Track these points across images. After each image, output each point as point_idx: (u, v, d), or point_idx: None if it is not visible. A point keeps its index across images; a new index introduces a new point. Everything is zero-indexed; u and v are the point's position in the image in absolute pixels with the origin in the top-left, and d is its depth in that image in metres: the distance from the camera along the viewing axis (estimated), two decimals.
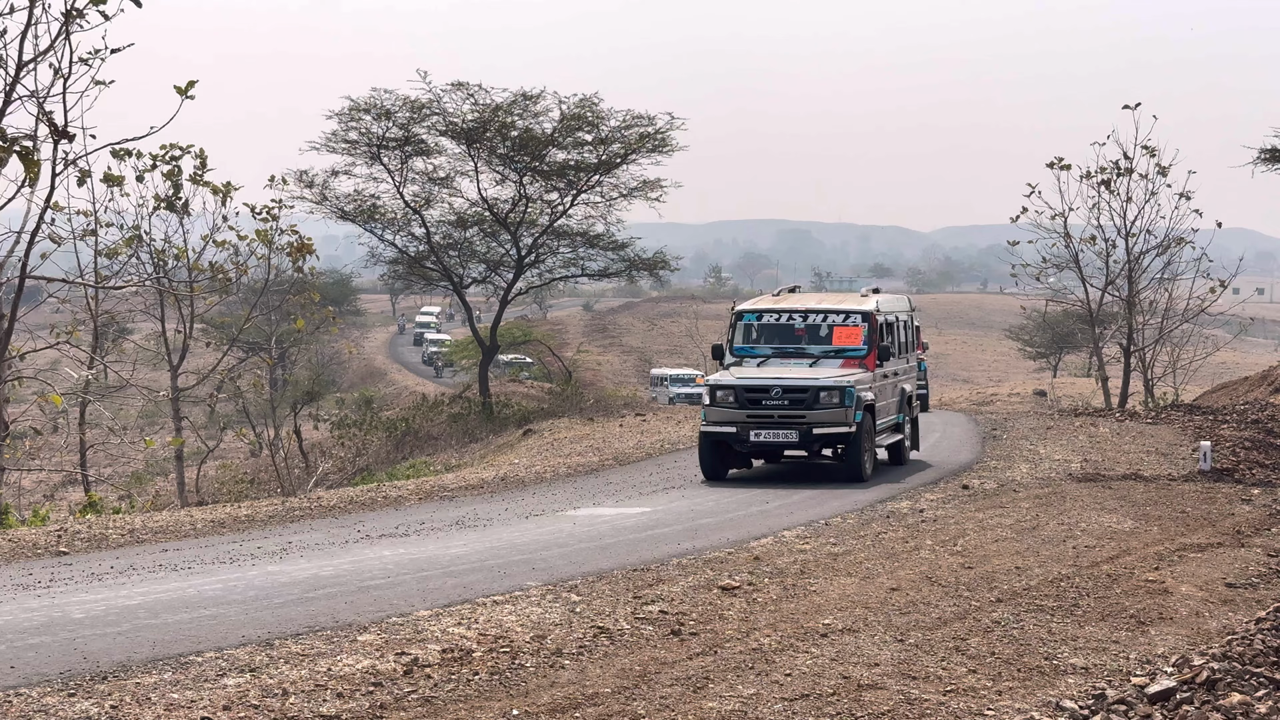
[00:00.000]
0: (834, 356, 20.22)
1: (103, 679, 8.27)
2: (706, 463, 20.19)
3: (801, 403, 19.46)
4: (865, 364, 20.13)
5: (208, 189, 25.43)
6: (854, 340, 20.25)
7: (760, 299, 22.33)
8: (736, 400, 19.57)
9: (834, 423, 19.45)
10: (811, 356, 20.29)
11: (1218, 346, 44.24)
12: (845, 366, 19.99)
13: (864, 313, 20.54)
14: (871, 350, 20.29)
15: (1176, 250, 36.66)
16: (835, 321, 20.49)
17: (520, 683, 8.27)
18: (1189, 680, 8.21)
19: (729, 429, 19.61)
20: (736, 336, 20.80)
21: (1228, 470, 20.04)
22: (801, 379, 19.60)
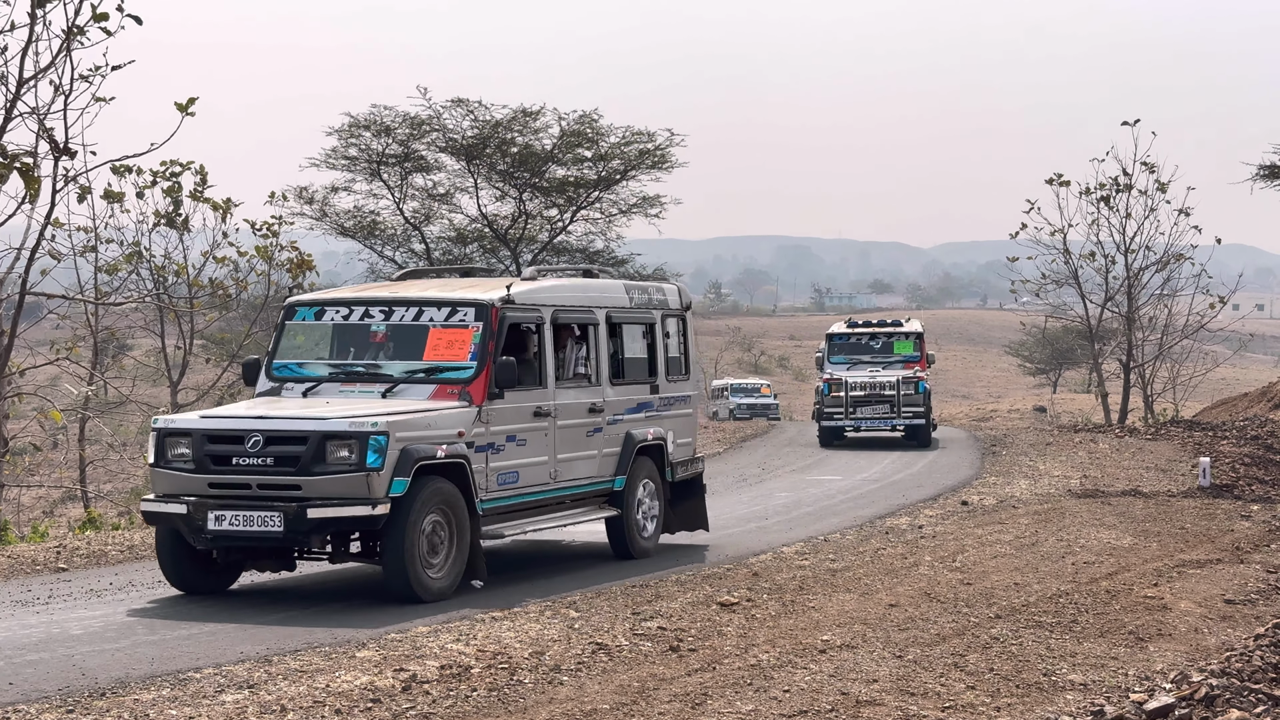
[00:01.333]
0: (427, 380, 12.35)
1: (101, 695, 8.27)
2: (167, 568, 11.98)
3: (293, 462, 11.28)
4: (470, 392, 12.11)
5: (208, 205, 25.44)
6: (456, 352, 12.47)
7: (342, 288, 15.97)
8: (194, 458, 11.51)
9: (342, 498, 11.18)
10: (388, 380, 12.40)
11: (1217, 362, 44.27)
12: (437, 396, 12.12)
13: (478, 305, 12.56)
14: (484, 369, 12.21)
15: (1176, 266, 36.75)
16: (435, 320, 12.69)
17: (519, 699, 8.27)
18: (1188, 697, 8.21)
19: (176, 508, 11.41)
20: (283, 346, 13.29)
21: (1227, 486, 20.05)
22: (299, 420, 11.51)
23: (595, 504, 13.90)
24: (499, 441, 12.37)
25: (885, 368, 29.14)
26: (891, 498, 19.49)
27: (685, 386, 15.35)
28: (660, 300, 15.14)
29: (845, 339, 30.15)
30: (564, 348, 13.57)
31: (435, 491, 11.51)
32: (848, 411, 28.52)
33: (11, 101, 16.62)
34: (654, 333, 14.87)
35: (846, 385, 28.52)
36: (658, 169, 39.74)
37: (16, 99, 16.61)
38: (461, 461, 11.78)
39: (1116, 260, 36.88)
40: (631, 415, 14.29)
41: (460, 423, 11.92)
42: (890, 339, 29.84)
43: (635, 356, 14.65)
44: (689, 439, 15.36)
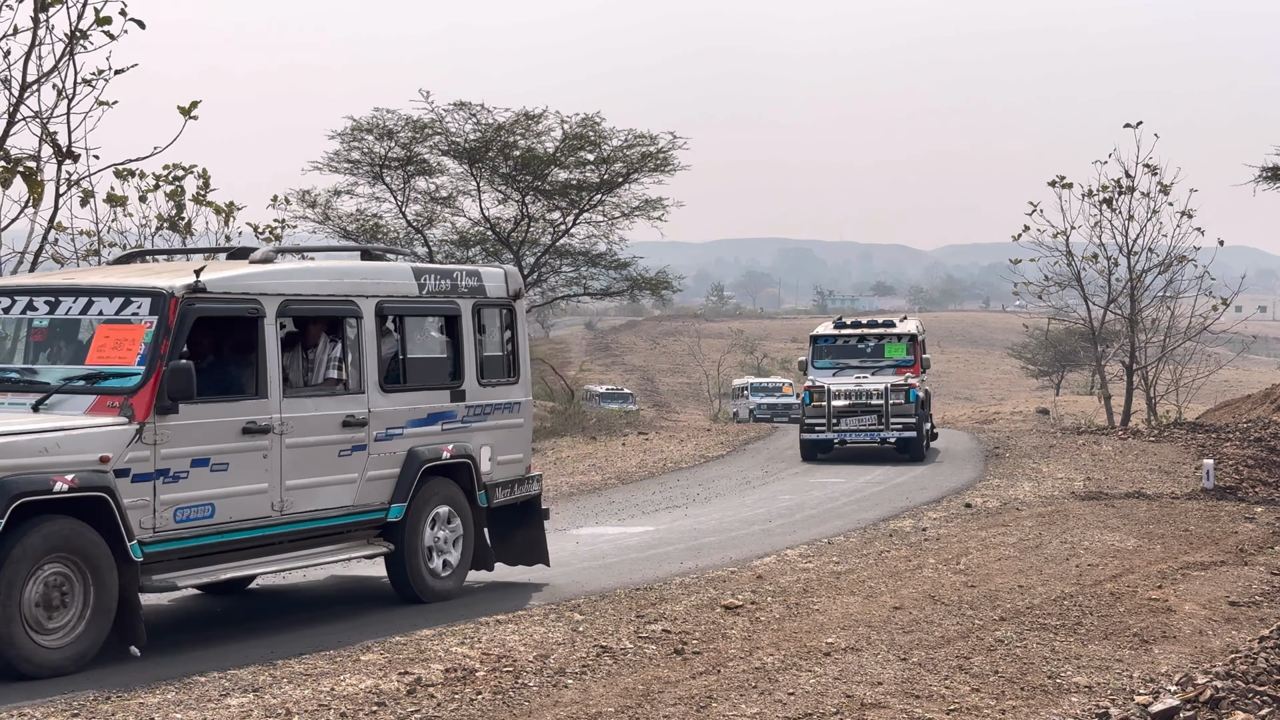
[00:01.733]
0: (88, 389, 9.83)
1: (105, 699, 8.27)
2: None
3: None
4: (132, 405, 9.63)
5: (211, 209, 25.43)
6: (124, 354, 9.93)
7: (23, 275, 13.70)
8: None
9: None
10: (42, 389, 9.90)
11: (1220, 364, 44.28)
12: (96, 410, 9.62)
13: (154, 295, 10.06)
14: (151, 377, 9.72)
15: (1179, 268, 36.71)
16: (105, 313, 10.17)
17: (523, 702, 8.27)
18: (1193, 699, 8.21)
19: None
20: None
21: (1231, 488, 20.04)
22: None
23: (363, 538, 11.38)
24: (176, 467, 9.77)
25: (875, 373, 26.33)
26: (895, 500, 19.49)
27: (512, 392, 12.82)
28: (473, 287, 12.42)
29: (831, 341, 27.29)
30: (312, 347, 11.28)
31: (50, 535, 8.98)
32: (830, 423, 25.74)
33: (15, 105, 16.61)
34: (459, 327, 12.24)
35: (829, 393, 25.71)
36: (660, 171, 39.77)
37: (20, 103, 16.60)
38: (102, 495, 9.26)
39: (1119, 262, 36.86)
40: (418, 429, 11.71)
41: (106, 445, 9.36)
42: (881, 341, 26.91)
43: (426, 356, 12.25)
44: (518, 455, 12.84)
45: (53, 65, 16.61)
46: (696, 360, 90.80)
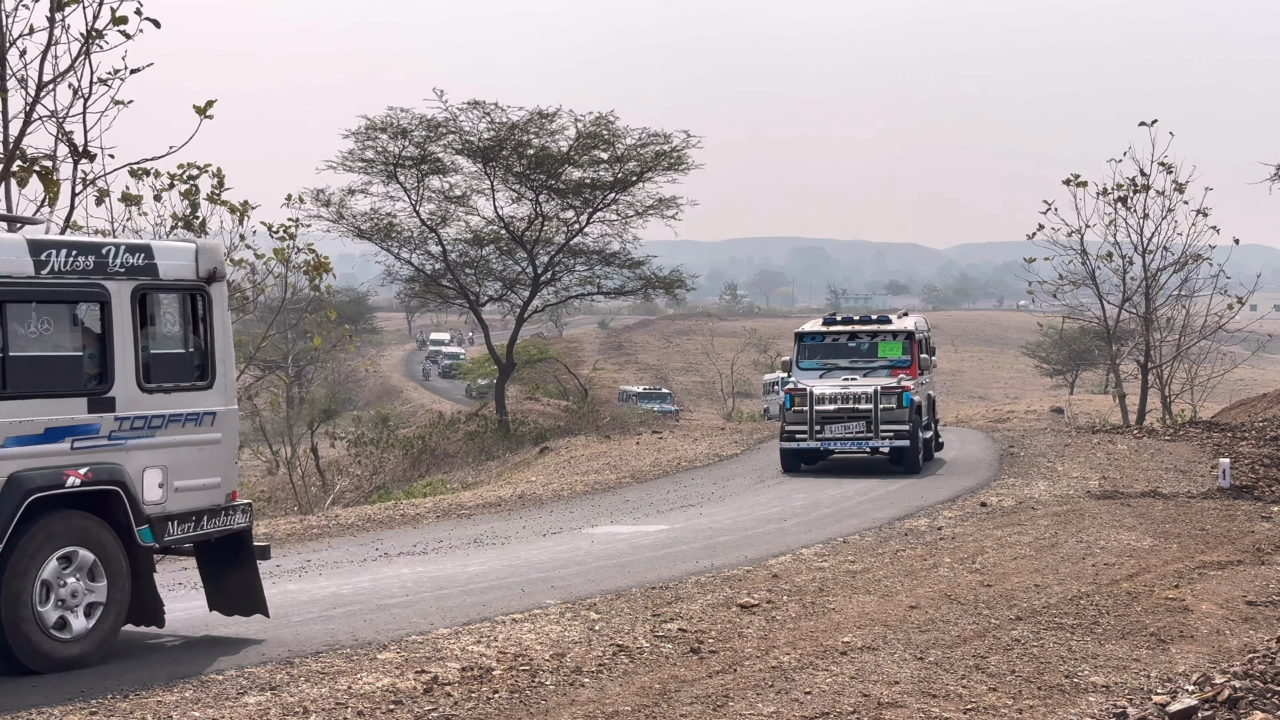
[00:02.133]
0: None
1: (124, 697, 8.29)
2: None
3: None
4: None
5: (225, 208, 25.45)
6: None
7: None
8: None
9: None
10: None
11: (1235, 363, 44.12)
12: None
13: None
14: None
15: (1194, 267, 36.61)
16: None
17: (540, 701, 8.27)
18: (1210, 699, 8.19)
19: None
20: None
21: (1247, 487, 19.97)
22: None
23: None
24: None
25: (866, 374, 23.90)
26: (909, 499, 19.45)
27: (204, 399, 10.32)
28: (135, 266, 9.90)
29: (819, 339, 24.76)
30: None
31: None
32: (813, 430, 23.26)
33: (31, 105, 16.66)
34: (107, 317, 9.71)
35: (812, 397, 23.27)
36: (674, 170, 39.77)
37: (36, 102, 16.64)
38: None
39: (1134, 261, 36.76)
40: (24, 448, 9.11)
41: None
42: (874, 339, 24.45)
43: (43, 355, 9.46)
44: (211, 479, 10.31)
45: (69, 65, 16.66)
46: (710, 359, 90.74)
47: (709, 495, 20.52)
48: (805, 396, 23.38)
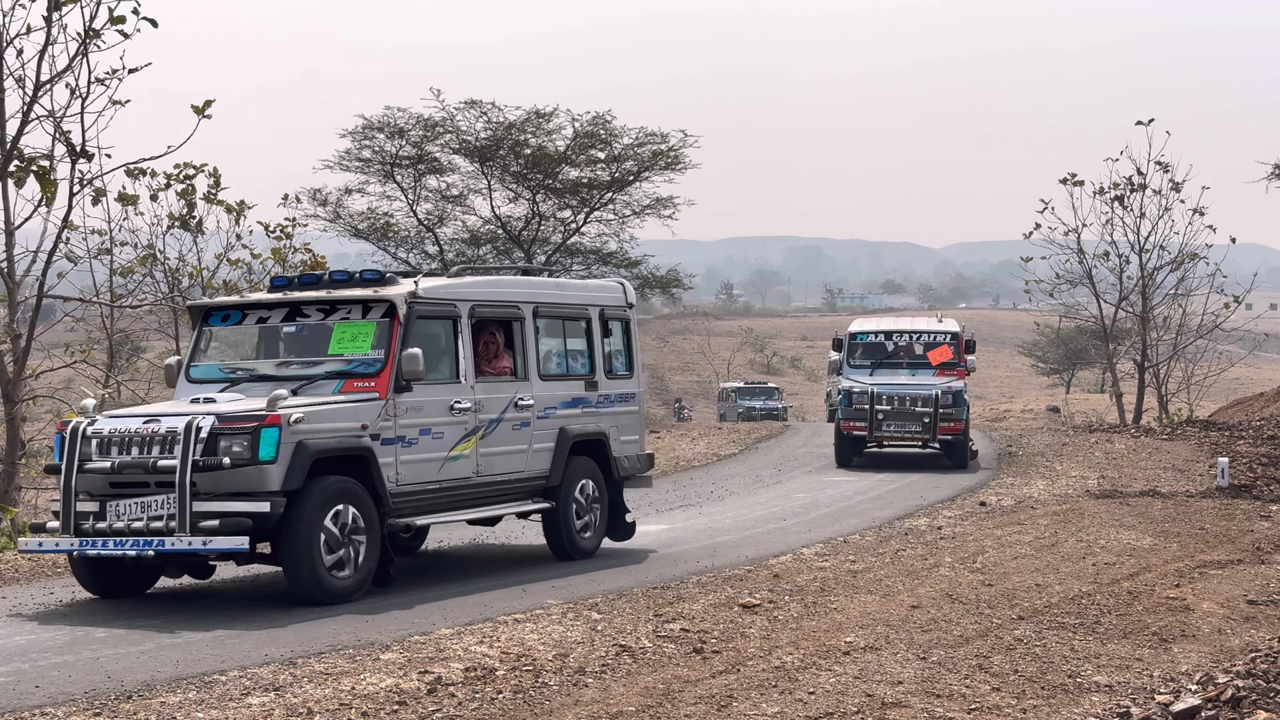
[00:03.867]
0: None
1: (127, 698, 8.28)
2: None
3: None
4: None
5: (221, 207, 25.46)
6: None
7: None
8: None
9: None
10: None
11: (1232, 362, 44.19)
12: None
13: None
14: None
15: (1190, 266, 36.67)
16: None
17: (544, 701, 8.26)
18: (1214, 698, 8.19)
19: None
20: None
21: (1246, 486, 20.00)
22: None
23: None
24: None
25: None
26: (909, 499, 19.47)
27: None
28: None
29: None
30: None
31: None
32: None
33: (29, 104, 16.65)
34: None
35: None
36: (671, 170, 39.76)
37: (33, 102, 16.63)
38: None
39: (1131, 260, 36.82)
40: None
41: None
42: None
43: None
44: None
45: (66, 64, 16.65)
46: (706, 358, 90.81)
47: (708, 495, 20.53)
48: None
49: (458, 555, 15.14)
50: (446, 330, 12.83)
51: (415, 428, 12.23)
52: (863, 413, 24.22)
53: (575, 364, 14.44)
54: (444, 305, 12.77)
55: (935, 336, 25.41)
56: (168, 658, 9.41)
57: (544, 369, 13.84)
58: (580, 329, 14.56)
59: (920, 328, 25.79)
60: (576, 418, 14.11)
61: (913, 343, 25.40)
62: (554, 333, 14.26)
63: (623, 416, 14.85)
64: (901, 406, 24.12)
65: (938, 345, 25.16)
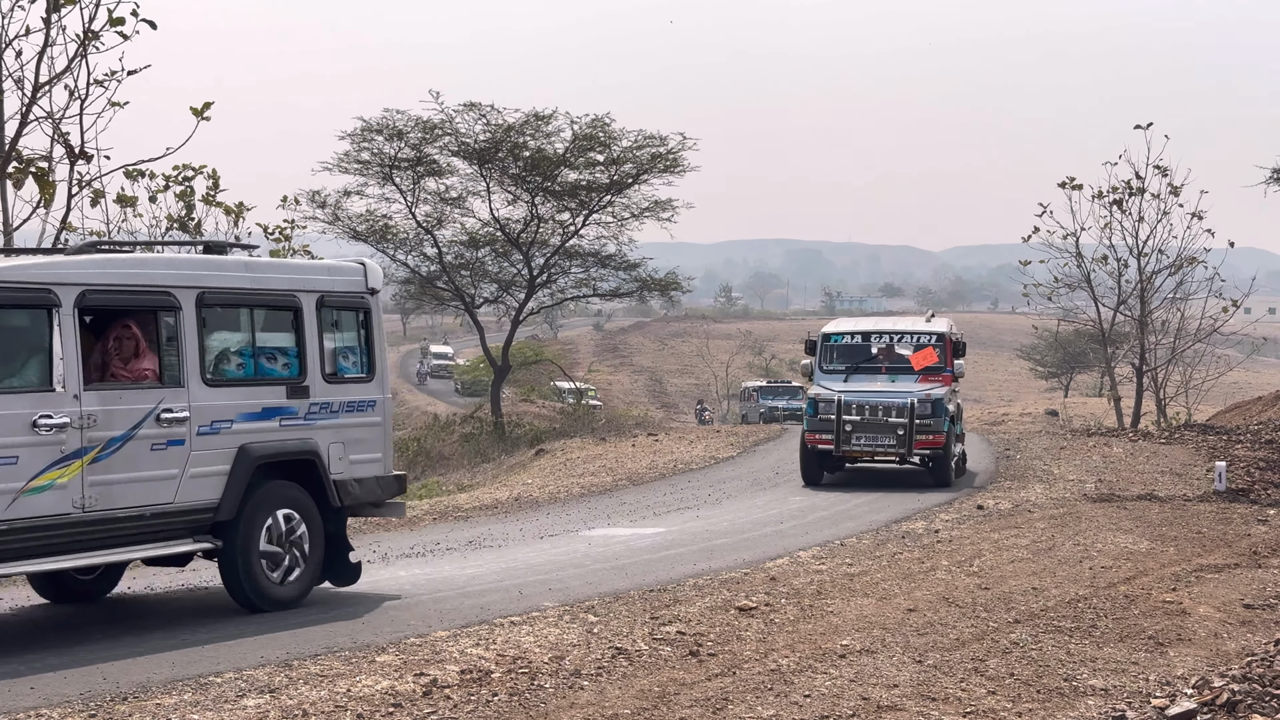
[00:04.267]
0: None
1: (123, 700, 8.28)
2: None
3: None
4: None
5: (220, 209, 25.47)
6: None
7: None
8: None
9: None
10: None
11: (1230, 366, 44.17)
12: None
13: None
14: None
15: (1189, 270, 36.67)
16: None
17: (540, 704, 8.26)
18: (1209, 702, 8.20)
19: None
20: None
21: (1243, 491, 19.99)
22: None
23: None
24: None
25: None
26: (906, 502, 19.46)
27: None
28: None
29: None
30: None
31: None
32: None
33: (27, 106, 16.64)
34: None
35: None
36: (669, 172, 39.77)
37: (32, 103, 16.63)
38: None
39: (1129, 264, 36.81)
40: None
41: None
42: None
43: None
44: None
45: (65, 66, 16.64)
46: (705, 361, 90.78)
47: (705, 498, 20.51)
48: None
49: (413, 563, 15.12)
50: (36, 322, 10.01)
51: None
52: (829, 424, 21.48)
53: (271, 365, 11.56)
54: (28, 291, 9.91)
55: (919, 338, 22.58)
56: (163, 659, 9.40)
57: (214, 372, 11.08)
58: (284, 321, 11.63)
59: (903, 328, 23.07)
60: (268, 432, 11.27)
61: (894, 344, 22.62)
62: (234, 326, 11.43)
63: (352, 430, 11.92)
64: (873, 417, 21.37)
65: (923, 347, 22.37)
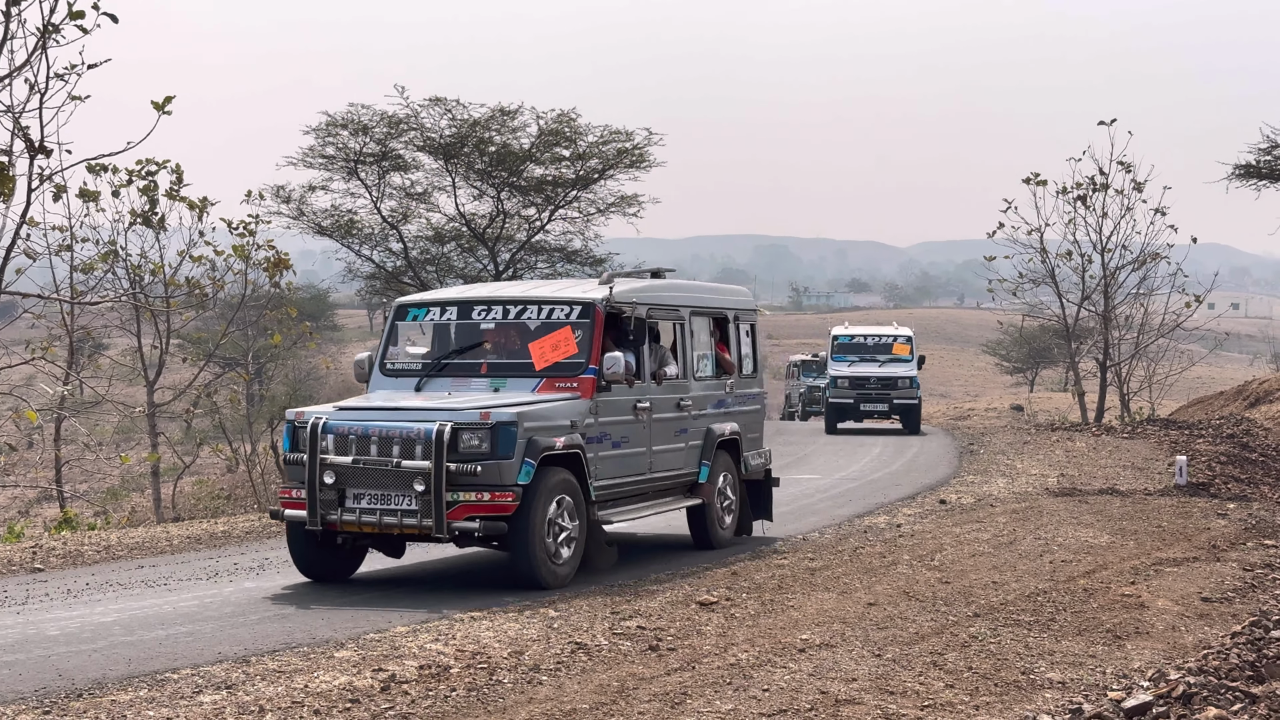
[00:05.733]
0: None
1: (78, 696, 8.23)
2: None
3: None
4: None
5: (184, 204, 25.36)
6: None
7: None
8: None
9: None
10: None
11: (1193, 361, 44.43)
12: None
13: None
14: None
15: (1152, 265, 36.87)
16: None
17: (498, 699, 8.25)
18: (1165, 695, 8.23)
19: None
20: None
21: (1203, 485, 20.11)
22: None
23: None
24: None
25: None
26: (869, 496, 19.51)
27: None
28: None
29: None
30: None
31: None
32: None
33: None
34: None
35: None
36: (636, 168, 39.70)
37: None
38: None
39: (1093, 259, 36.99)
40: None
41: None
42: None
43: None
44: None
45: (25, 59, 16.52)
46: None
47: None
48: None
49: None
50: None
51: None
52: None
53: None
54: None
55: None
56: (120, 655, 9.35)
57: None
58: None
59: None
60: None
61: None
62: None
63: None
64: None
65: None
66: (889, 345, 34.09)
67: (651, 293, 13.85)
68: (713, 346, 14.83)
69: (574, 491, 12.16)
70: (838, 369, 33.76)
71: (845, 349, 34.30)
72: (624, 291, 13.24)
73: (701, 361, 14.50)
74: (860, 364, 33.63)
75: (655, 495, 13.77)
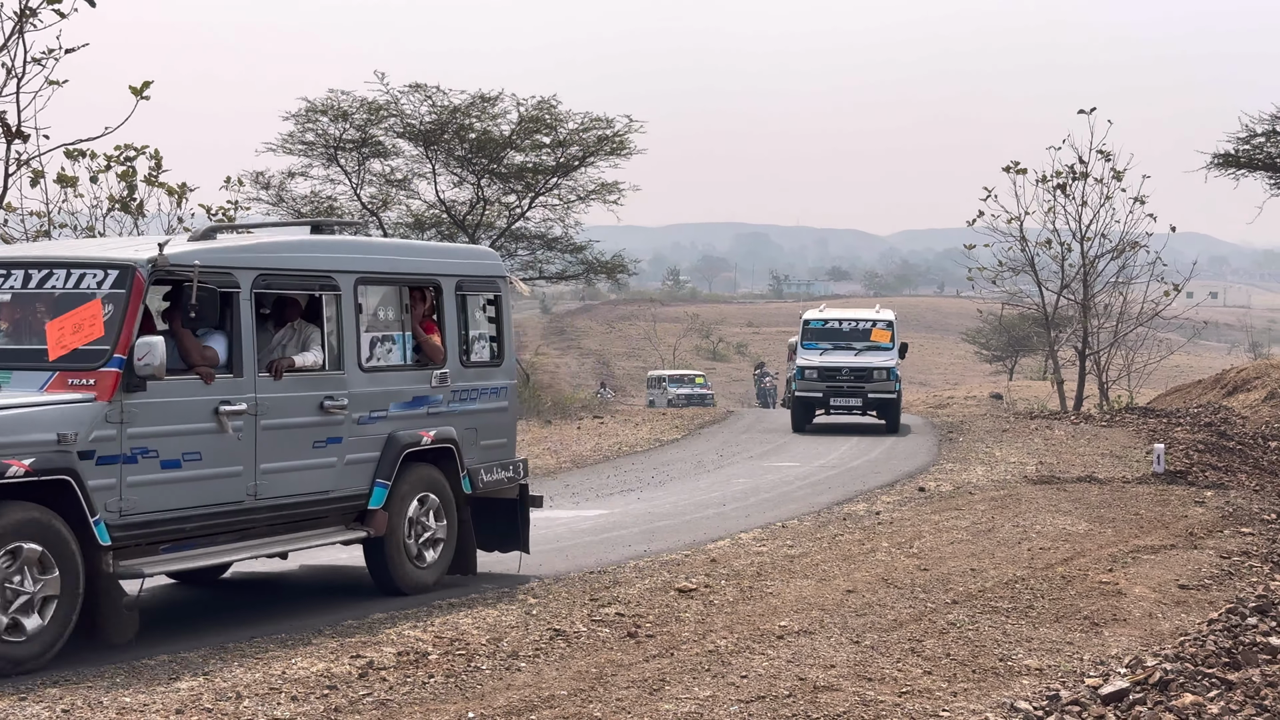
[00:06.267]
0: None
1: (54, 684, 8.20)
2: None
3: None
4: None
5: (163, 190, 25.24)
6: None
7: None
8: None
9: None
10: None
11: (1171, 350, 44.61)
12: None
13: None
14: None
15: (1131, 254, 36.95)
16: None
17: (476, 685, 8.25)
18: (1142, 681, 8.26)
19: None
20: None
21: (1181, 473, 20.16)
22: None
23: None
24: None
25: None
26: (849, 484, 19.54)
27: None
28: None
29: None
30: None
31: None
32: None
33: None
34: None
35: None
36: (616, 155, 39.65)
37: None
38: None
39: (1072, 248, 37.06)
40: None
41: None
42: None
43: None
44: None
45: (2, 44, 16.45)
46: (652, 344, 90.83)
47: (649, 480, 20.53)
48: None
49: None
50: None
51: None
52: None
53: None
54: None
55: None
56: (96, 643, 9.31)
57: None
58: None
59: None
60: None
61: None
62: None
63: None
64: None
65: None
66: (866, 331, 29.80)
67: (267, 253, 10.35)
68: (408, 327, 11.51)
69: (49, 536, 8.64)
70: (807, 358, 29.49)
71: (817, 334, 30.02)
72: (201, 251, 9.71)
73: (379, 347, 11.17)
74: (833, 353, 29.34)
75: (278, 528, 10.29)
